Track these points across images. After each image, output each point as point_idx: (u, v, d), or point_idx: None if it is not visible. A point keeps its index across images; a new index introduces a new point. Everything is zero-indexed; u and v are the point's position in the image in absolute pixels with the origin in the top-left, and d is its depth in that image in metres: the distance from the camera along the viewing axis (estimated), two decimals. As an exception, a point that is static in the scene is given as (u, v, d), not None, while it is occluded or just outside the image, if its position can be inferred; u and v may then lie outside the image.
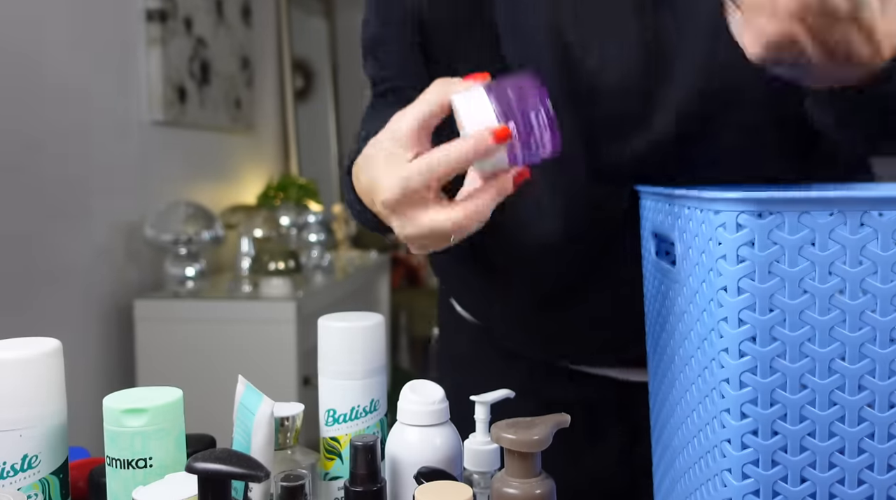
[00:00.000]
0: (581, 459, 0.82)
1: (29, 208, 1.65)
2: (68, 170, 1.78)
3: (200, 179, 2.39)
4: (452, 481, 0.53)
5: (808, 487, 0.48)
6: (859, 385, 0.46)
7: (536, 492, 0.49)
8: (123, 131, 1.99)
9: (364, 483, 0.53)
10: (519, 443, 0.49)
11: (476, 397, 0.59)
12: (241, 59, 2.61)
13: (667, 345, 0.60)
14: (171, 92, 2.14)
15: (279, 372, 1.91)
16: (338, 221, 2.98)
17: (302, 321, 1.93)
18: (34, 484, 0.50)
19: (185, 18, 2.22)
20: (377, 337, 0.60)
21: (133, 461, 0.50)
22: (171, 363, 1.92)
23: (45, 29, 1.70)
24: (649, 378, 0.67)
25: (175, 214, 1.96)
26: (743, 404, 0.47)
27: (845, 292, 0.46)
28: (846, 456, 0.47)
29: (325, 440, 0.59)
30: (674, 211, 0.56)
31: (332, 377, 0.59)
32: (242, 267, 2.22)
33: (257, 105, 2.78)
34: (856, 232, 0.45)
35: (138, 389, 0.53)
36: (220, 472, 0.41)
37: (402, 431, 0.56)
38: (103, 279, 1.91)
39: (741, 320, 0.47)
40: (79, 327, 1.83)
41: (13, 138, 1.61)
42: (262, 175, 2.83)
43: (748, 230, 0.46)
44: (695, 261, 0.51)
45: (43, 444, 0.50)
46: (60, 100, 1.75)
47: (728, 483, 0.49)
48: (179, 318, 1.93)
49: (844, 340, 0.46)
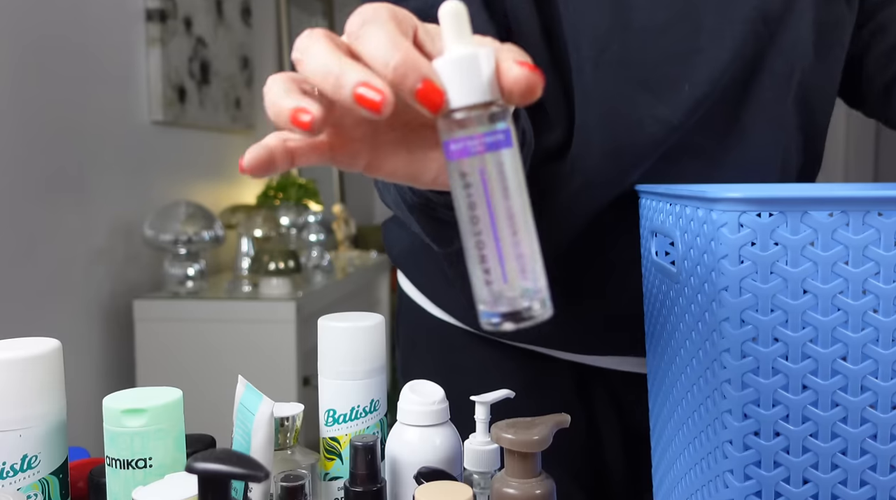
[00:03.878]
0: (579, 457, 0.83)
1: (29, 208, 1.65)
2: (68, 169, 1.78)
3: (200, 179, 2.39)
4: (452, 481, 0.53)
5: (811, 488, 0.47)
6: (862, 386, 0.46)
7: (536, 492, 0.49)
8: (123, 131, 1.99)
9: (364, 483, 0.53)
10: (519, 443, 0.49)
11: (476, 397, 0.59)
12: (241, 59, 2.61)
13: (667, 345, 0.60)
14: (171, 92, 2.14)
15: (279, 372, 1.91)
16: (338, 222, 2.98)
17: (302, 321, 1.93)
18: (34, 484, 0.50)
19: (184, 18, 2.22)
20: (377, 337, 0.59)
21: (133, 462, 0.50)
22: (171, 363, 1.92)
23: (45, 28, 1.69)
24: (649, 378, 0.67)
25: (175, 214, 1.96)
26: (745, 405, 0.47)
27: (848, 293, 0.46)
28: (849, 457, 0.47)
29: (325, 440, 0.59)
30: (674, 211, 0.56)
31: (332, 377, 0.59)
32: (242, 267, 2.22)
33: (257, 105, 2.78)
34: (858, 232, 0.45)
35: (138, 389, 0.53)
36: (220, 472, 0.41)
37: (402, 431, 0.56)
38: (103, 279, 1.91)
39: (743, 321, 0.47)
40: (79, 327, 1.83)
41: (13, 138, 1.60)
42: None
43: (750, 230, 0.46)
44: (696, 261, 0.51)
45: (43, 444, 0.50)
46: (60, 99, 1.75)
47: (730, 484, 0.49)
48: (179, 318, 1.93)
49: (847, 340, 0.46)
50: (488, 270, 0.37)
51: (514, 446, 0.49)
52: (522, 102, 0.37)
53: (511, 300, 0.37)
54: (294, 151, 0.41)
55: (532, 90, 0.37)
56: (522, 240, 0.37)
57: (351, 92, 0.35)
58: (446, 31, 0.37)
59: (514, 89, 0.37)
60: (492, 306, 0.38)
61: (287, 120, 0.37)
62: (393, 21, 0.38)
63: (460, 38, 0.37)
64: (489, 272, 0.37)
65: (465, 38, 0.37)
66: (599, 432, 0.83)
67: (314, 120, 0.37)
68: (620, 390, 0.82)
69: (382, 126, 0.43)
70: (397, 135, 0.44)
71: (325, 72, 0.36)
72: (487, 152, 0.37)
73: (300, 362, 1.93)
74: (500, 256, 0.37)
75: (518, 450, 0.49)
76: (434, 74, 0.36)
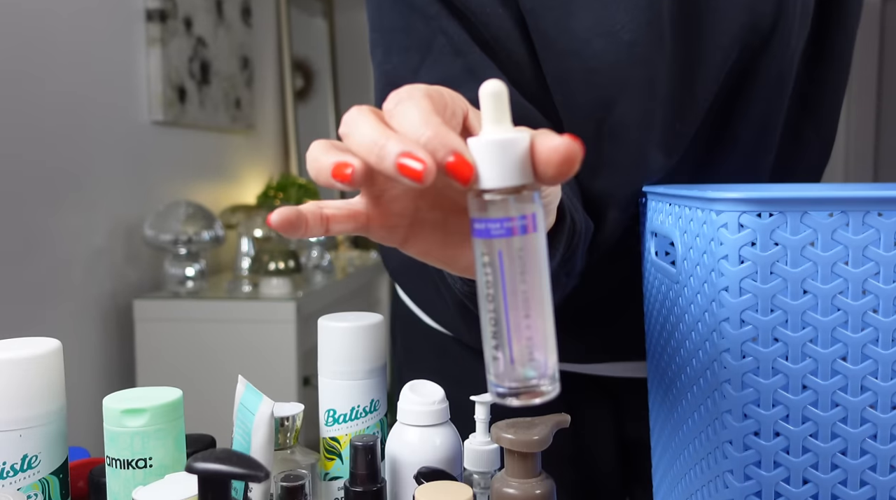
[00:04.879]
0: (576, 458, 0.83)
1: (28, 208, 1.65)
2: (68, 170, 1.78)
3: (200, 179, 2.39)
4: (452, 481, 0.53)
5: (811, 488, 0.47)
6: (862, 386, 0.46)
7: (536, 492, 0.49)
8: (123, 131, 1.99)
9: (364, 483, 0.53)
10: (519, 443, 0.49)
11: (476, 397, 0.59)
12: (241, 59, 2.61)
13: (667, 346, 0.59)
14: (171, 92, 2.14)
15: (279, 372, 1.91)
16: (338, 222, 2.98)
17: (302, 321, 1.93)
18: (34, 484, 0.50)
19: (184, 18, 2.22)
20: (377, 337, 0.59)
21: (133, 461, 0.50)
22: (171, 363, 1.92)
23: (44, 28, 1.69)
24: (649, 379, 0.67)
25: (175, 214, 1.96)
26: (745, 405, 0.47)
27: (847, 293, 0.46)
28: (849, 457, 0.47)
29: (325, 440, 0.59)
30: (674, 211, 0.56)
31: (332, 377, 0.59)
32: (242, 267, 2.22)
33: (257, 105, 2.78)
34: (858, 232, 0.45)
35: (138, 389, 0.53)
36: (220, 472, 0.41)
37: (402, 431, 0.56)
38: (103, 279, 1.91)
39: (743, 321, 0.47)
40: (79, 327, 1.83)
41: (13, 138, 1.60)
42: (262, 175, 2.83)
43: (750, 231, 0.46)
44: (696, 261, 0.51)
45: (43, 444, 0.50)
46: (60, 99, 1.75)
47: (730, 485, 0.49)
48: (179, 318, 1.93)
49: (847, 341, 0.46)
50: (497, 346, 0.38)
51: (514, 446, 0.49)
52: (558, 174, 0.37)
53: (519, 378, 0.38)
54: (330, 218, 0.42)
55: (570, 161, 0.36)
56: (534, 323, 0.38)
57: (394, 162, 0.36)
58: (485, 111, 0.38)
59: (552, 158, 0.36)
60: (500, 380, 0.38)
61: (328, 173, 0.38)
62: (427, 99, 0.38)
63: (498, 121, 0.38)
64: (498, 349, 0.38)
65: (503, 121, 0.38)
66: (596, 437, 0.83)
67: (355, 171, 0.37)
68: (617, 394, 0.82)
69: (423, 205, 0.44)
70: (437, 216, 0.44)
71: (371, 143, 0.37)
72: (509, 236, 0.37)
73: (300, 362, 1.93)
74: (508, 338, 0.38)
75: (518, 450, 0.49)
76: (465, 149, 0.37)
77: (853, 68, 0.78)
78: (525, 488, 0.49)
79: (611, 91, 0.62)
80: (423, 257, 0.45)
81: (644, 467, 0.78)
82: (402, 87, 0.40)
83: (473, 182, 0.37)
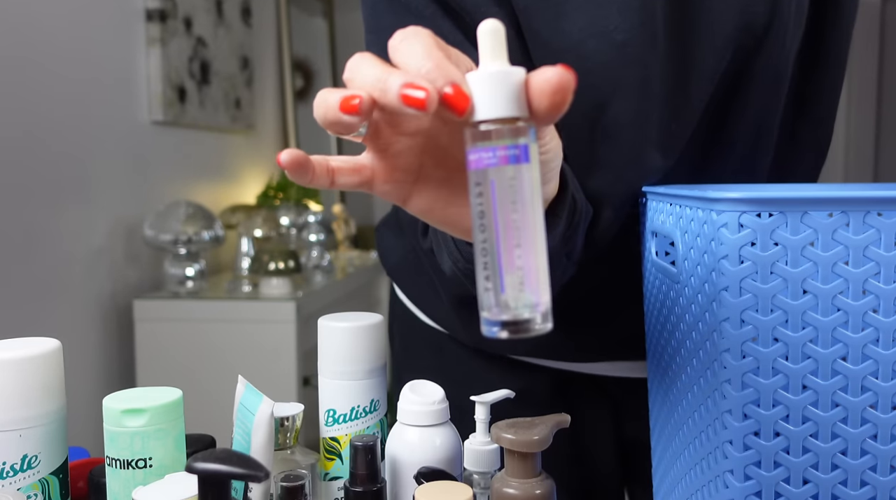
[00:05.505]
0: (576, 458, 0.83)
1: (28, 208, 1.65)
2: (68, 169, 1.78)
3: (200, 179, 2.39)
4: (452, 481, 0.53)
5: (811, 488, 0.47)
6: (862, 386, 0.46)
7: (536, 492, 0.49)
8: (123, 131, 1.99)
9: (364, 483, 0.53)
10: (519, 443, 0.49)
11: (476, 397, 0.59)
12: (241, 59, 2.61)
13: (667, 345, 0.59)
14: (171, 92, 2.14)
15: (279, 372, 1.91)
16: (338, 222, 2.98)
17: (302, 321, 1.93)
18: (34, 484, 0.50)
19: (184, 18, 2.22)
20: (377, 337, 0.59)
21: (133, 461, 0.50)
22: (171, 363, 1.92)
23: (44, 28, 1.69)
24: (649, 379, 0.67)
25: (175, 214, 1.96)
26: (745, 405, 0.47)
27: (848, 293, 0.45)
28: (849, 458, 0.47)
29: (325, 440, 0.59)
30: (675, 211, 0.56)
31: (332, 377, 0.59)
32: (242, 267, 2.22)
33: (257, 105, 2.78)
34: (859, 232, 0.45)
35: (138, 389, 0.53)
36: (220, 472, 0.40)
37: (402, 431, 0.56)
38: (103, 279, 1.91)
39: (743, 321, 0.47)
40: (78, 326, 1.83)
41: (13, 138, 1.60)
42: (262, 175, 2.83)
43: (750, 231, 0.46)
44: (696, 261, 0.51)
45: (43, 444, 0.50)
46: (60, 99, 1.75)
47: (730, 485, 0.49)
48: (179, 318, 1.93)
49: (847, 341, 0.46)
50: (489, 277, 0.38)
51: (514, 446, 0.49)
52: (551, 106, 0.37)
53: (511, 310, 0.38)
54: (335, 170, 0.42)
55: (563, 90, 0.37)
56: (526, 254, 0.38)
57: (398, 93, 0.36)
58: (483, 48, 0.38)
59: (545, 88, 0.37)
60: (492, 314, 0.38)
61: (336, 107, 0.38)
62: (431, 37, 0.39)
63: (495, 57, 0.38)
64: (489, 280, 0.38)
65: (499, 57, 0.39)
66: (595, 437, 0.83)
67: (362, 101, 0.38)
68: (617, 394, 0.82)
69: (428, 162, 0.44)
70: (441, 174, 0.44)
71: (375, 79, 0.38)
72: (502, 165, 0.38)
73: (300, 362, 1.93)
74: (500, 266, 0.38)
75: (518, 450, 0.49)
76: (463, 81, 0.37)
77: (853, 69, 0.78)
78: (525, 488, 0.49)
79: (604, 91, 0.62)
80: (425, 215, 0.45)
81: (644, 467, 0.78)
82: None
83: (469, 114, 0.38)
